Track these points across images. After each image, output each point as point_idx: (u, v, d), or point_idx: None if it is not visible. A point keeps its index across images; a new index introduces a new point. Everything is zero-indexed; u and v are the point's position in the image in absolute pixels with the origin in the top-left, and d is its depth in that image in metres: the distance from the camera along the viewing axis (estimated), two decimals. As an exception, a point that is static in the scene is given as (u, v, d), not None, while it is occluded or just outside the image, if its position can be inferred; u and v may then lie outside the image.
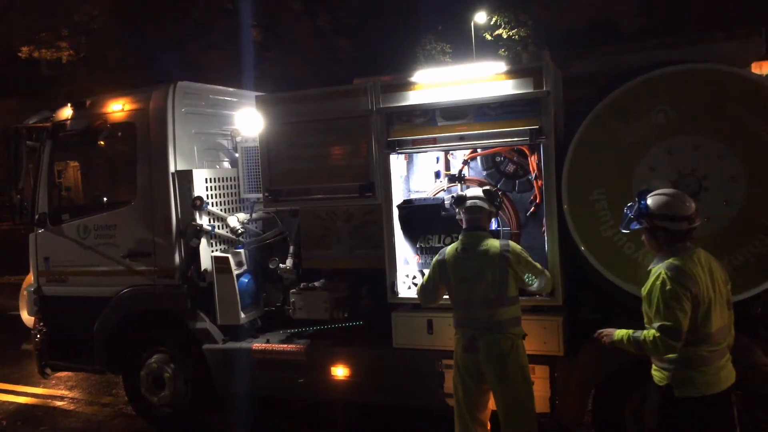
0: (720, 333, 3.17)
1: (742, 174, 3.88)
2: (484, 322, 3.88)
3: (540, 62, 4.34)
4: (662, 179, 3.98)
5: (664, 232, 3.20)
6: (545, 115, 4.24)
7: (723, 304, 3.21)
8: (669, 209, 3.19)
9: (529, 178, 4.68)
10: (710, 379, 3.13)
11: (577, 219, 4.15)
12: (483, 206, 4.03)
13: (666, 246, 3.22)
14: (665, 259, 3.19)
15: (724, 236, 3.90)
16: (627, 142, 4.09)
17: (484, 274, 3.89)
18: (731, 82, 3.92)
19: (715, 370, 3.14)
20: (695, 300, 3.08)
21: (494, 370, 3.84)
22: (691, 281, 3.08)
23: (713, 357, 3.13)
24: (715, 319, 3.13)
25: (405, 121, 4.69)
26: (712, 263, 3.24)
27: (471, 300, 3.93)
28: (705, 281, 3.13)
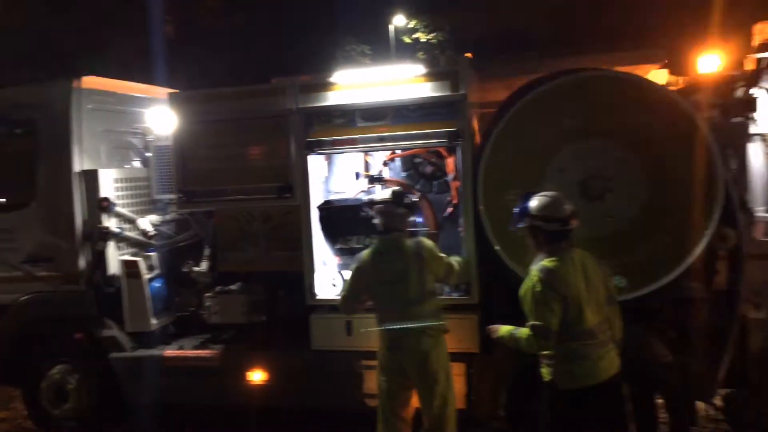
0: (597, 328, 3.33)
1: (644, 176, 4.10)
2: (405, 321, 3.90)
3: (457, 66, 4.42)
4: (571, 180, 4.17)
5: (541, 232, 3.37)
6: (462, 117, 4.33)
7: (599, 301, 3.37)
8: (545, 210, 3.36)
9: (447, 179, 4.76)
10: (588, 371, 3.29)
11: (493, 219, 4.26)
12: (391, 209, 4.03)
13: (543, 245, 3.39)
14: (542, 259, 3.35)
15: (626, 235, 4.11)
16: (539, 144, 4.24)
17: (402, 274, 3.91)
18: (634, 89, 4.15)
19: (593, 362, 3.30)
20: (565, 301, 3.26)
21: (417, 368, 3.88)
22: (561, 283, 3.26)
23: (590, 350, 3.29)
24: (589, 315, 3.29)
25: (324, 121, 4.66)
26: (587, 263, 3.40)
27: (392, 300, 3.95)
28: (577, 282, 3.30)
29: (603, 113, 4.16)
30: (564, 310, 3.27)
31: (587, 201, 4.18)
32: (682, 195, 4.04)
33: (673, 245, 4.05)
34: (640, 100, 4.12)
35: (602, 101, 4.17)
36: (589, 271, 3.39)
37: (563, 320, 3.28)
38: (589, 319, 3.30)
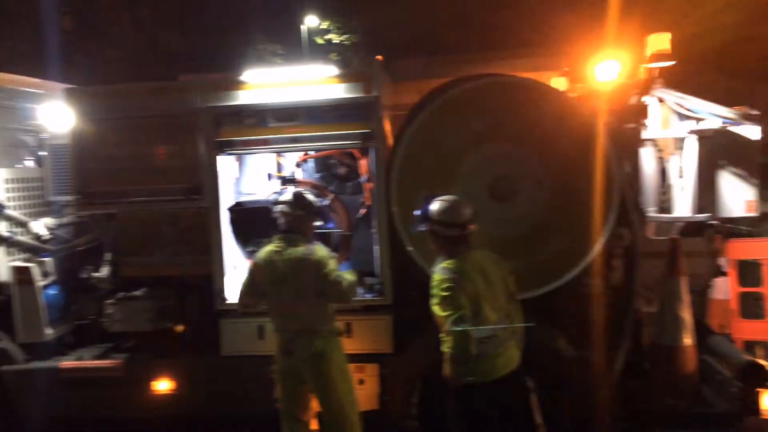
0: (496, 324, 3.43)
1: (547, 179, 4.29)
2: (297, 325, 3.85)
3: (370, 68, 4.45)
4: (480, 183, 4.30)
5: (440, 236, 3.46)
6: (375, 119, 4.36)
7: (498, 300, 3.49)
8: (444, 215, 3.44)
9: (360, 180, 4.77)
10: (486, 368, 3.39)
11: (405, 220, 4.31)
12: (291, 211, 3.94)
13: (443, 248, 3.47)
14: (442, 261, 3.43)
15: (532, 235, 4.29)
16: (449, 147, 4.34)
17: (291, 277, 3.83)
18: (537, 95, 4.33)
19: (491, 358, 3.40)
20: (466, 297, 3.34)
21: (312, 371, 3.84)
22: (462, 280, 3.34)
23: (488, 348, 3.38)
24: (486, 314, 3.39)
25: (235, 121, 4.54)
26: (486, 263, 3.50)
27: (284, 303, 3.88)
28: (475, 281, 3.39)
29: (509, 118, 4.32)
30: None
31: (495, 203, 4.32)
32: (582, 197, 4.26)
33: (575, 244, 4.26)
34: (543, 106, 4.30)
35: (508, 106, 4.32)
36: (488, 271, 3.48)
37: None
38: (486, 318, 3.39)
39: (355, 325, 4.33)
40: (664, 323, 4.45)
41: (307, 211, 3.98)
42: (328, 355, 3.85)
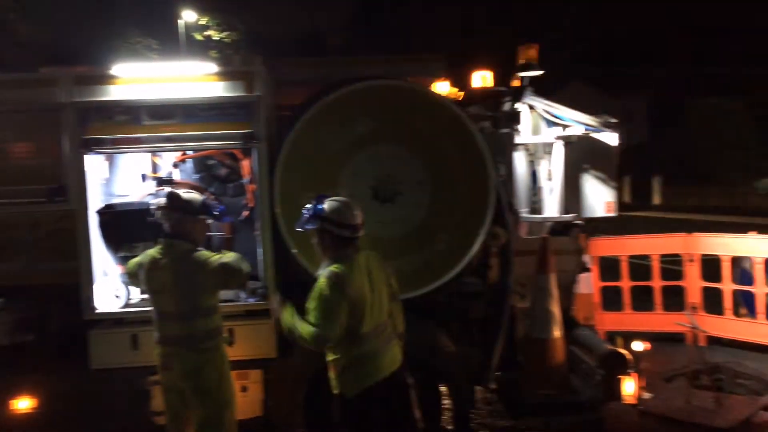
0: (378, 328, 3.46)
1: (428, 180, 4.42)
2: (177, 337, 3.65)
3: (252, 66, 4.35)
4: (364, 184, 4.34)
5: (330, 236, 3.44)
6: (257, 119, 4.26)
7: (382, 301, 3.51)
8: (337, 215, 3.44)
9: (242, 182, 4.65)
10: (370, 371, 3.41)
11: (289, 222, 4.25)
12: (167, 213, 3.71)
13: (330, 250, 3.45)
14: (330, 264, 3.42)
15: (414, 235, 4.39)
16: (333, 148, 4.34)
17: (173, 285, 3.63)
18: (419, 98, 4.44)
19: (375, 361, 3.42)
20: (352, 304, 3.34)
21: (190, 386, 3.65)
22: (348, 288, 3.33)
23: (372, 350, 3.41)
24: (371, 317, 3.41)
25: (105, 117, 4.26)
26: (372, 265, 3.52)
27: (164, 313, 3.68)
28: (362, 285, 3.40)
29: (391, 120, 4.40)
30: (350, 315, 3.33)
31: (379, 204, 4.38)
32: (460, 198, 4.43)
33: (455, 244, 4.41)
34: (425, 109, 4.42)
35: (391, 109, 4.40)
36: (374, 273, 3.50)
37: (348, 325, 3.34)
38: (368, 322, 3.39)
39: (237, 330, 4.20)
40: (536, 317, 4.72)
41: (186, 212, 3.73)
42: (206, 370, 3.66)
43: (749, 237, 6.72)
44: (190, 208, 3.75)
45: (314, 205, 3.47)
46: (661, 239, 7.35)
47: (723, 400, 5.11)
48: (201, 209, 3.80)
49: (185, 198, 3.77)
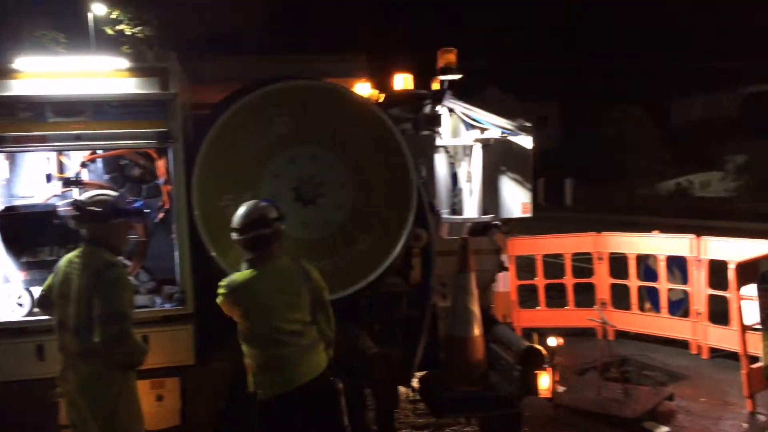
0: (290, 336, 3.41)
1: (350, 182, 4.41)
2: (74, 350, 3.40)
3: (166, 63, 4.18)
4: (285, 185, 4.29)
5: (245, 240, 3.43)
6: (173, 117, 4.11)
7: (300, 307, 3.45)
8: (233, 220, 3.44)
9: (157, 183, 4.47)
10: (286, 377, 3.37)
11: (208, 225, 4.13)
12: (75, 216, 3.45)
13: (247, 253, 3.44)
14: (244, 267, 3.41)
15: (337, 237, 4.37)
16: (254, 149, 4.26)
17: (75, 295, 3.37)
18: (340, 99, 4.43)
19: (290, 368, 3.39)
20: (250, 310, 3.32)
21: (86, 402, 3.38)
22: (242, 295, 3.31)
23: (287, 357, 3.38)
24: (278, 326, 3.37)
25: (5, 114, 3.98)
26: (286, 274, 3.46)
27: (63, 323, 3.43)
28: (265, 292, 3.37)
29: (313, 120, 4.36)
30: (256, 318, 3.30)
31: (301, 205, 4.33)
32: (383, 199, 4.45)
33: (378, 245, 4.43)
34: (347, 110, 4.42)
35: (312, 109, 4.36)
36: (288, 282, 3.44)
37: (251, 330, 3.32)
38: (274, 330, 3.35)
39: (152, 337, 4.04)
40: (456, 316, 4.80)
41: (98, 219, 3.41)
42: (103, 383, 3.36)
43: (653, 236, 7.13)
44: (100, 216, 3.42)
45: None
46: (573, 239, 7.68)
47: (631, 391, 5.40)
48: (113, 213, 3.47)
49: (92, 205, 3.43)
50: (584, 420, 5.06)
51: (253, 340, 3.38)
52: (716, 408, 5.27)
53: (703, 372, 6.12)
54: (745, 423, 4.99)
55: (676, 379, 5.92)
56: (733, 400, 5.39)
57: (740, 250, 6.08)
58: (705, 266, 6.44)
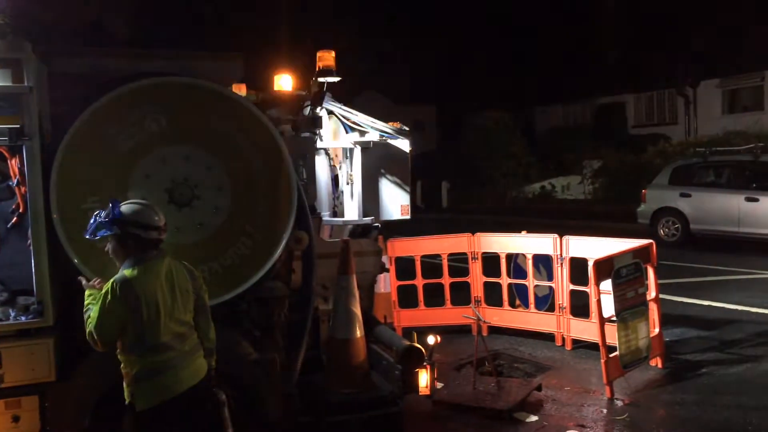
0: (177, 338, 3.28)
1: (228, 184, 4.27)
2: None
3: (20, 53, 3.82)
4: (158, 187, 4.07)
5: (134, 240, 3.23)
6: (28, 113, 3.76)
7: (185, 311, 3.34)
8: (142, 218, 3.24)
9: (10, 184, 4.07)
10: (169, 383, 3.22)
11: (69, 229, 3.83)
12: None
13: (132, 254, 3.24)
14: (126, 268, 3.21)
15: (214, 241, 4.21)
16: (122, 148, 4.01)
17: None
18: (217, 99, 4.28)
19: (173, 372, 3.24)
20: (137, 313, 3.14)
21: None
22: (133, 295, 3.14)
23: (171, 362, 3.23)
24: (166, 327, 3.22)
25: None
26: (175, 272, 3.34)
27: None
28: (157, 292, 3.22)
29: (187, 119, 4.18)
30: (136, 323, 3.12)
31: (176, 208, 4.13)
32: (262, 202, 4.35)
33: (258, 249, 4.32)
34: (223, 110, 4.27)
35: (185, 107, 4.18)
36: (177, 280, 3.32)
37: (138, 334, 3.13)
38: (165, 332, 3.21)
39: (6, 353, 3.68)
40: (338, 318, 4.81)
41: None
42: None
43: (521, 236, 7.55)
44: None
45: (111, 210, 3.18)
46: (450, 239, 7.95)
47: (503, 383, 5.68)
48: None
49: None
50: (461, 414, 5.25)
51: (134, 346, 3.16)
52: (579, 395, 5.67)
53: (567, 362, 6.56)
54: (604, 408, 5.40)
55: (544, 370, 6.29)
56: (593, 387, 5.82)
57: (597, 248, 6.59)
58: (567, 263, 6.92)
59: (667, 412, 5.35)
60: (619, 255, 5.89)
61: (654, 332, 6.11)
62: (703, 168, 13.54)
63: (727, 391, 5.66)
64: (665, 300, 7.56)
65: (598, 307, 5.70)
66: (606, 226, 15.35)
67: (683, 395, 5.60)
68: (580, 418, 5.22)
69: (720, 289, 9.48)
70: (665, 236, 13.54)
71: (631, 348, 5.73)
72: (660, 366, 6.23)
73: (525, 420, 5.18)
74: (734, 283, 10.01)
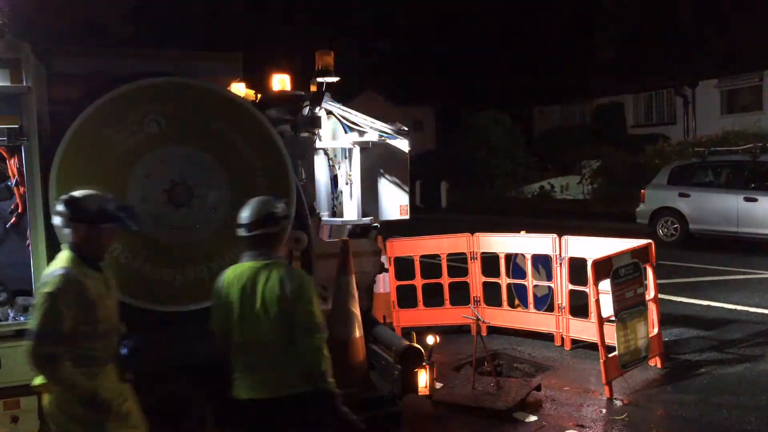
0: (249, 345, 3.25)
1: (227, 184, 4.26)
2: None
3: (19, 54, 3.82)
4: (157, 187, 4.07)
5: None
6: (27, 113, 3.76)
7: (259, 321, 3.23)
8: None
9: (8, 184, 4.07)
10: (240, 383, 3.25)
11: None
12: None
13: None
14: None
15: (213, 241, 4.21)
16: (121, 148, 4.01)
17: None
18: (216, 99, 4.28)
19: (242, 378, 3.28)
20: (218, 304, 3.28)
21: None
22: (215, 288, 3.28)
23: (241, 364, 3.26)
24: (241, 328, 3.22)
25: None
26: (267, 279, 3.26)
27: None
28: (232, 290, 3.26)
29: (186, 120, 4.18)
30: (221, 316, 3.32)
31: (174, 208, 4.13)
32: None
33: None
34: (222, 110, 4.27)
35: (186, 108, 4.18)
36: (262, 287, 3.23)
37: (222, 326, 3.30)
38: (237, 333, 3.24)
39: (5, 353, 3.68)
40: (337, 318, 4.80)
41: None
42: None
43: (520, 236, 7.55)
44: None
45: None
46: (449, 239, 7.94)
47: (502, 383, 5.67)
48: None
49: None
50: (461, 414, 5.24)
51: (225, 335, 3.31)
52: (578, 395, 5.67)
53: (567, 362, 6.56)
54: (603, 408, 5.40)
55: (543, 370, 6.29)
56: (592, 387, 5.82)
57: (596, 248, 6.59)
58: (566, 263, 6.92)
59: (666, 411, 5.35)
60: (618, 255, 5.89)
61: (653, 332, 6.11)
62: (702, 168, 13.54)
63: (726, 390, 5.66)
64: (664, 300, 7.57)
65: (597, 307, 5.70)
66: (605, 226, 15.35)
67: (682, 395, 5.61)
68: (580, 418, 5.22)
69: (719, 289, 9.48)
70: (664, 236, 13.54)
71: (630, 348, 5.73)
72: (659, 366, 6.23)
73: (524, 420, 5.18)
74: (733, 282, 10.02)
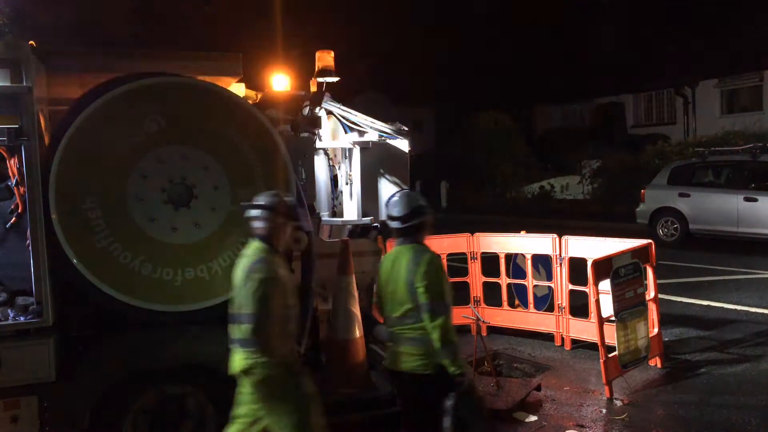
0: (393, 320, 3.65)
1: (226, 184, 4.26)
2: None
3: (19, 53, 3.82)
4: (155, 187, 4.07)
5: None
6: (27, 113, 3.76)
7: (397, 297, 3.65)
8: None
9: (9, 184, 4.07)
10: (390, 354, 3.58)
11: (68, 230, 3.83)
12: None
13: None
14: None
15: (213, 241, 4.21)
16: (120, 148, 4.01)
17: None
18: (216, 99, 4.28)
19: (392, 347, 3.67)
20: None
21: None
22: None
23: (390, 335, 3.65)
24: (390, 304, 3.63)
25: None
26: (404, 260, 3.70)
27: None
28: (386, 270, 3.70)
29: (185, 119, 4.18)
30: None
31: (173, 208, 4.13)
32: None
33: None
34: (222, 110, 4.27)
35: (183, 107, 4.18)
36: (398, 266, 3.65)
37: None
38: (387, 308, 3.62)
39: (5, 353, 3.68)
40: (337, 319, 4.81)
41: None
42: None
43: (520, 236, 7.55)
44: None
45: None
46: (449, 239, 7.93)
47: (502, 383, 5.67)
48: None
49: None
50: (460, 414, 5.24)
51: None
52: (578, 395, 5.67)
53: (567, 362, 6.55)
54: (603, 408, 5.40)
55: (543, 369, 6.29)
56: (593, 387, 5.82)
57: (596, 248, 6.59)
58: (566, 263, 6.92)
59: (666, 411, 5.35)
60: (618, 255, 5.89)
61: (653, 332, 6.11)
62: (702, 168, 13.54)
63: (726, 390, 5.66)
64: (664, 300, 7.57)
65: (597, 307, 5.70)
66: (605, 226, 15.34)
67: (682, 395, 5.60)
68: (580, 417, 5.22)
69: (719, 288, 9.48)
70: (664, 236, 13.54)
71: (630, 348, 5.73)
72: (659, 366, 6.23)
73: (524, 420, 5.18)
74: (733, 282, 10.01)
